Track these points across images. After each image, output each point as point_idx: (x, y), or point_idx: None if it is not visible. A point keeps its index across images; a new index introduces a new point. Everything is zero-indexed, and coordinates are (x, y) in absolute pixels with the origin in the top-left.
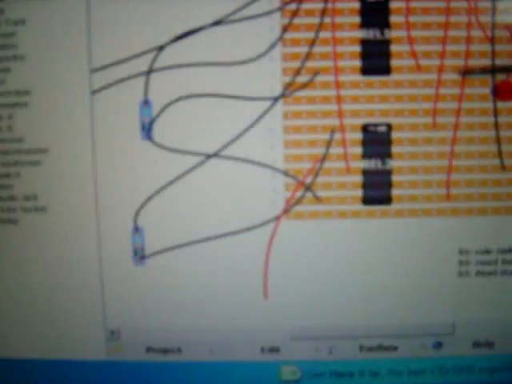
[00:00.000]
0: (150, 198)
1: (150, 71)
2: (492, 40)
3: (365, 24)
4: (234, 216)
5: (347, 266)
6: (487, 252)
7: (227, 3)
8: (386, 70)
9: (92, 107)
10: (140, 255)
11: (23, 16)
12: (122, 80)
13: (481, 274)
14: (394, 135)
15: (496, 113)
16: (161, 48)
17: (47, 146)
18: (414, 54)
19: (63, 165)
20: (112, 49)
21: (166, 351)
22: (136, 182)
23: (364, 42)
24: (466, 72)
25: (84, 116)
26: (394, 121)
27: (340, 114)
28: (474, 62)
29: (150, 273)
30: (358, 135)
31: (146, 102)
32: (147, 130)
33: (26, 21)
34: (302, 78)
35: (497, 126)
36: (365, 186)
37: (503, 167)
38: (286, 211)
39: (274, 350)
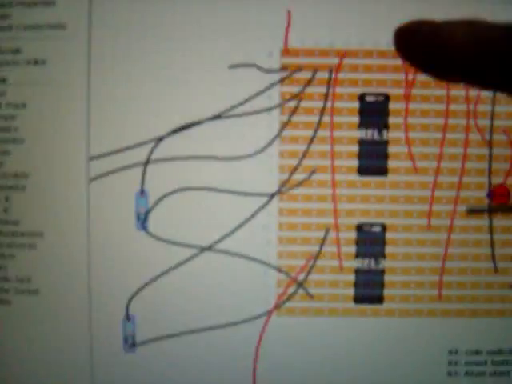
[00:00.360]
0: (142, 287)
1: (147, 162)
2: (490, 144)
3: (363, 124)
4: (226, 309)
5: (337, 364)
6: (477, 353)
7: (228, 98)
8: (383, 171)
9: (88, 194)
10: (131, 343)
11: (24, 100)
12: (119, 169)
13: (470, 374)
14: (389, 236)
15: (491, 216)
16: (159, 139)
17: (43, 230)
18: (411, 156)
19: (58, 250)
20: (111, 138)
21: None
22: (129, 270)
23: (362, 143)
24: (470, 211)
25: (80, 203)
26: (388, 221)
27: (335, 213)
28: (470, 165)
29: (140, 361)
30: (353, 234)
31: (142, 193)
32: (142, 221)
33: (26, 105)
34: (299, 176)
35: (491, 229)
36: (357, 285)
37: (496, 270)
38: (278, 307)
39: None
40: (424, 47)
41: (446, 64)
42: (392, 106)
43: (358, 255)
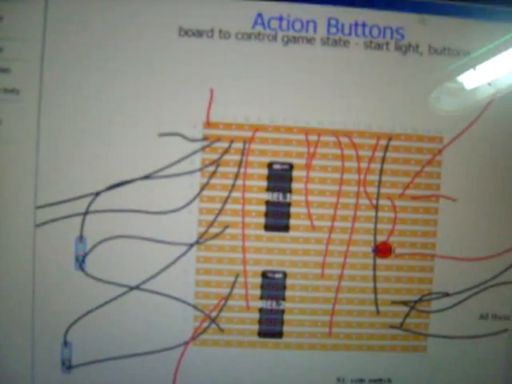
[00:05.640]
0: (79, 319)
1: (86, 212)
2: (376, 207)
3: (270, 188)
4: (150, 339)
5: None
6: (361, 381)
7: (156, 161)
8: (285, 228)
9: (34, 238)
10: (67, 365)
11: None
12: (61, 217)
13: None
14: (288, 282)
15: (375, 267)
16: (97, 194)
17: None
18: (309, 216)
19: (6, 285)
20: (55, 190)
21: None
22: (68, 304)
23: (268, 203)
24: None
25: (27, 245)
26: (288, 270)
27: (244, 262)
28: (359, 225)
29: (75, 381)
30: (258, 280)
31: (81, 238)
32: (80, 262)
33: None
34: (215, 230)
35: (375, 278)
36: (261, 321)
37: (378, 312)
38: (193, 338)
39: None
40: None
41: None
42: (295, 173)
43: (262, 297)
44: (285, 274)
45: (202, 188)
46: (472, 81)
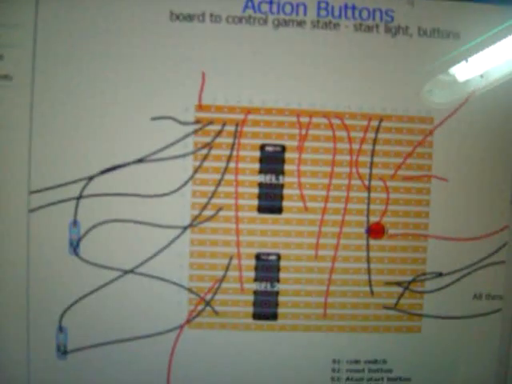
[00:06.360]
0: (74, 303)
1: (79, 197)
2: (368, 188)
3: (263, 170)
4: (145, 323)
5: (238, 370)
6: (356, 362)
7: (149, 145)
8: (278, 210)
9: (28, 223)
10: (63, 351)
11: None
12: (55, 202)
13: (350, 380)
14: (282, 263)
15: (368, 248)
16: (90, 178)
17: None
18: (302, 198)
19: (0, 270)
20: (49, 175)
21: None
22: (63, 289)
23: (261, 185)
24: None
25: (21, 230)
26: (282, 252)
27: (238, 244)
28: (352, 206)
29: (70, 366)
30: (252, 262)
31: (75, 223)
32: (74, 247)
33: None
34: (208, 212)
35: (368, 259)
36: (255, 304)
37: (372, 293)
38: (189, 321)
39: None
40: None
41: None
42: (287, 155)
43: (256, 279)
44: (278, 256)
45: (195, 171)
46: (462, 63)
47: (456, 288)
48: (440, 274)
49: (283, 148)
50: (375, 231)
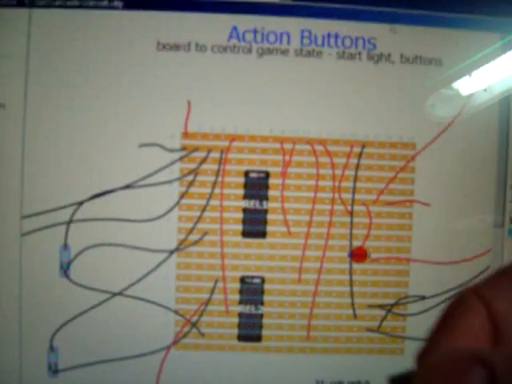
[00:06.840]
0: (64, 324)
1: (70, 221)
2: (351, 213)
3: (247, 196)
4: (133, 343)
5: None
6: (339, 383)
7: (137, 171)
8: (262, 234)
9: (21, 246)
10: (54, 370)
11: None
12: (47, 227)
13: None
14: (266, 286)
15: (351, 272)
16: (80, 203)
17: None
18: (286, 222)
19: None
20: (40, 200)
21: None
22: (54, 310)
23: (246, 211)
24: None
25: (14, 253)
26: (266, 275)
27: (223, 268)
28: (335, 231)
29: None
30: (237, 285)
31: (65, 246)
32: (65, 269)
33: None
34: (194, 237)
35: (351, 282)
36: (240, 326)
37: (355, 316)
38: (175, 343)
39: None
40: None
41: None
42: (271, 181)
43: (241, 302)
44: (263, 279)
45: (181, 196)
46: (444, 88)
47: (439, 311)
48: (423, 297)
49: (267, 174)
50: (358, 255)
